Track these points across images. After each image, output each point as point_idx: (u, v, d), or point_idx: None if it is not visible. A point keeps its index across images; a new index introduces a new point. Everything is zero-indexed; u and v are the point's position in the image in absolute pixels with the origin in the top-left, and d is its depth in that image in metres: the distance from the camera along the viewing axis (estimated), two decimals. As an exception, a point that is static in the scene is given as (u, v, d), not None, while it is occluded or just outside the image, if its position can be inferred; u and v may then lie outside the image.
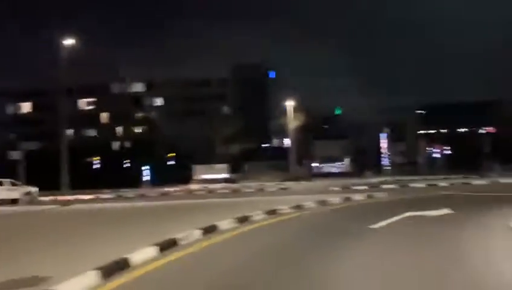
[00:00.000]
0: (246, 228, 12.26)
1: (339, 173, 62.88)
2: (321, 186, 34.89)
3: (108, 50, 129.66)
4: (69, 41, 24.48)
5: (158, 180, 47.94)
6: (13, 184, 30.33)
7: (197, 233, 10.61)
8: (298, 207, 16.87)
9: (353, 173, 60.68)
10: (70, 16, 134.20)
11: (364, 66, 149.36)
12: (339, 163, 68.45)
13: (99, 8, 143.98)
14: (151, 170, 52.29)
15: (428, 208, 15.09)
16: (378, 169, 51.74)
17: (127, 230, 12.00)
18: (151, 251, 8.51)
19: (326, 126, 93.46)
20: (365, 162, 59.70)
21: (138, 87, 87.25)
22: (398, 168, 51.18)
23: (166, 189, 39.64)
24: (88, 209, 21.80)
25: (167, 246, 9.14)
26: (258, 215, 14.24)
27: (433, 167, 47.98)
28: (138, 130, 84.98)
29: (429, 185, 30.01)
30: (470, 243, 9.10)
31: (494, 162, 46.02)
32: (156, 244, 8.83)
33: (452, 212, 14.16)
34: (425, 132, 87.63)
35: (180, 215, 15.64)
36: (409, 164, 59.70)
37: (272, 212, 15.12)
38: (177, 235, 9.83)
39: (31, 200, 29.06)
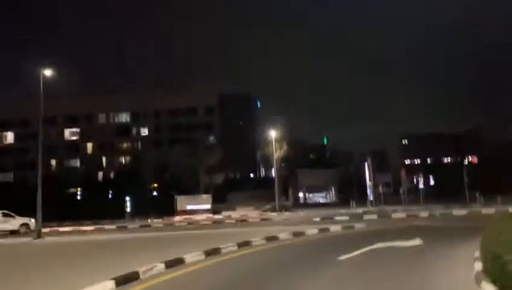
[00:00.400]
0: (214, 260, 12.15)
1: (324, 202, 62.71)
2: (303, 216, 34.75)
3: (94, 80, 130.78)
4: (48, 71, 24.57)
5: (141, 211, 47.37)
6: (5, 215, 29.90)
7: (161, 266, 10.48)
8: (273, 239, 16.78)
9: (339, 203, 60.61)
10: (57, 45, 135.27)
11: (347, 97, 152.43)
12: (324, 193, 68.45)
13: (83, 35, 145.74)
14: (135, 201, 51.70)
15: (401, 239, 15.17)
16: (362, 199, 51.82)
17: (91, 263, 11.85)
18: (107, 286, 8.37)
19: (312, 156, 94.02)
20: (350, 192, 59.81)
21: (124, 117, 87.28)
22: (382, 198, 51.28)
23: (148, 220, 39.16)
24: (60, 242, 21.40)
25: (126, 280, 9.00)
26: (229, 247, 14.15)
27: (417, 197, 48.18)
28: (123, 160, 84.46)
29: (409, 215, 30.06)
30: (430, 276, 9.12)
31: (476, 192, 46.37)
32: (114, 278, 8.71)
33: (423, 243, 14.21)
34: (409, 161, 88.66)
35: (151, 248, 15.48)
36: (393, 193, 59.94)
37: (245, 244, 15.03)
38: (139, 269, 9.71)
39: (26, 232, 28.81)
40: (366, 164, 54.53)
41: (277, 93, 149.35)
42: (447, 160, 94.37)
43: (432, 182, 70.05)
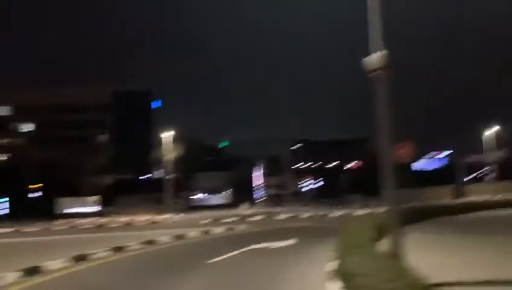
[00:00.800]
0: (80, 266, 11.57)
1: (218, 204, 63.23)
2: (193, 219, 34.65)
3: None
4: None
5: (20, 214, 43.25)
6: None
7: (14, 276, 9.69)
8: (151, 242, 16.46)
9: (233, 205, 61.50)
10: None
11: (248, 102, 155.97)
12: (219, 195, 68.98)
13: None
14: (12, 202, 47.09)
15: (277, 239, 15.88)
16: (252, 201, 53.33)
17: None
18: None
19: (210, 158, 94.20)
20: (243, 194, 61.06)
21: (5, 111, 79.04)
22: (272, 200, 53.30)
23: (25, 224, 35.89)
24: None
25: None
26: (101, 253, 13.57)
27: (305, 199, 50.99)
28: (2, 157, 76.41)
29: (293, 216, 31.58)
30: (290, 275, 9.69)
31: (356, 194, 50.30)
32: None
33: (296, 242, 15.06)
34: (301, 165, 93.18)
35: (15, 254, 14.25)
36: (283, 196, 62.55)
37: (119, 249, 14.53)
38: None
39: None
40: (258, 167, 56.28)
41: (185, 94, 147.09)
42: (337, 165, 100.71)
43: (320, 185, 74.64)
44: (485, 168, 57.03)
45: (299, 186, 59.74)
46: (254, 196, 58.59)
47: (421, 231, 13.85)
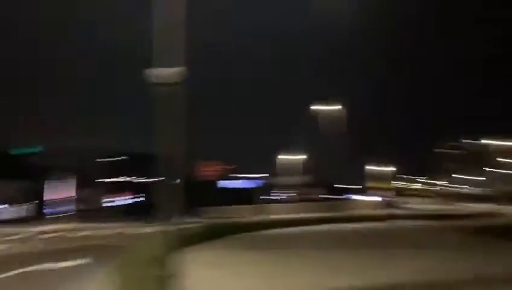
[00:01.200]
0: None
1: (10, 219, 55.21)
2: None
3: None
4: None
5: None
6: None
7: None
8: None
9: (29, 220, 54.57)
10: None
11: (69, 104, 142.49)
12: (14, 207, 60.45)
13: None
14: None
15: (64, 259, 14.43)
16: (54, 215, 48.55)
17: None
18: None
19: (9, 165, 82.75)
20: (44, 207, 55.07)
21: None
22: (77, 215, 49.41)
23: None
24: None
25: None
26: None
27: (113, 215, 48.55)
28: None
29: (95, 233, 29.47)
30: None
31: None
32: None
33: (85, 262, 14.09)
34: (117, 179, 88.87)
35: None
36: (90, 211, 58.34)
37: None
38: None
39: None
40: (68, 179, 51.98)
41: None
42: (156, 180, 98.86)
43: (134, 200, 72.21)
44: (290, 190, 63.72)
45: (110, 201, 56.74)
46: (58, 210, 53.18)
47: (213, 248, 14.08)
